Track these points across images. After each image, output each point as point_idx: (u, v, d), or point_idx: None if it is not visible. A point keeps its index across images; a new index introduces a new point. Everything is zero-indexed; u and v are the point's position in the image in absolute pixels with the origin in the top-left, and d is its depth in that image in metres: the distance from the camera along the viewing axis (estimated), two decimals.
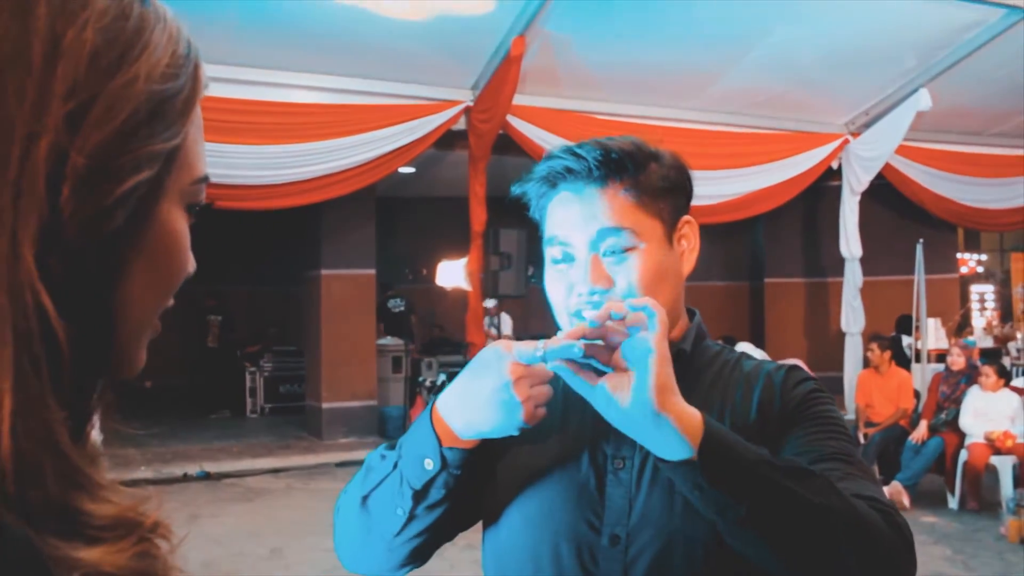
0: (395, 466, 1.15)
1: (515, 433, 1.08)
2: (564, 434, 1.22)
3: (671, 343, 1.15)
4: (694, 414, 1.00)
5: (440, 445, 1.10)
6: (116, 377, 0.58)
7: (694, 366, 1.26)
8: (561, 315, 1.22)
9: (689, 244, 1.27)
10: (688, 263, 1.27)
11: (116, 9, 0.53)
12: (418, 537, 1.17)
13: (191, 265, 0.62)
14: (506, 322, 10.38)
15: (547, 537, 1.17)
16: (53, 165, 0.49)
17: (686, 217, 1.27)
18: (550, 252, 1.24)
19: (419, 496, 1.13)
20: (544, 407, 1.08)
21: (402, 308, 12.10)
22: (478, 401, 1.07)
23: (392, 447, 1.19)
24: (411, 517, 1.14)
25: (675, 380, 1.01)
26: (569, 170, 1.21)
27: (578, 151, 1.21)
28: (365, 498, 1.18)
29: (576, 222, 1.20)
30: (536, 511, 1.19)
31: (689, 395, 1.04)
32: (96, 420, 0.57)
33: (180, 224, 0.59)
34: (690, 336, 1.28)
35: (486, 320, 10.15)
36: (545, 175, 1.24)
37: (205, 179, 0.61)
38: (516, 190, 1.32)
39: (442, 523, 1.16)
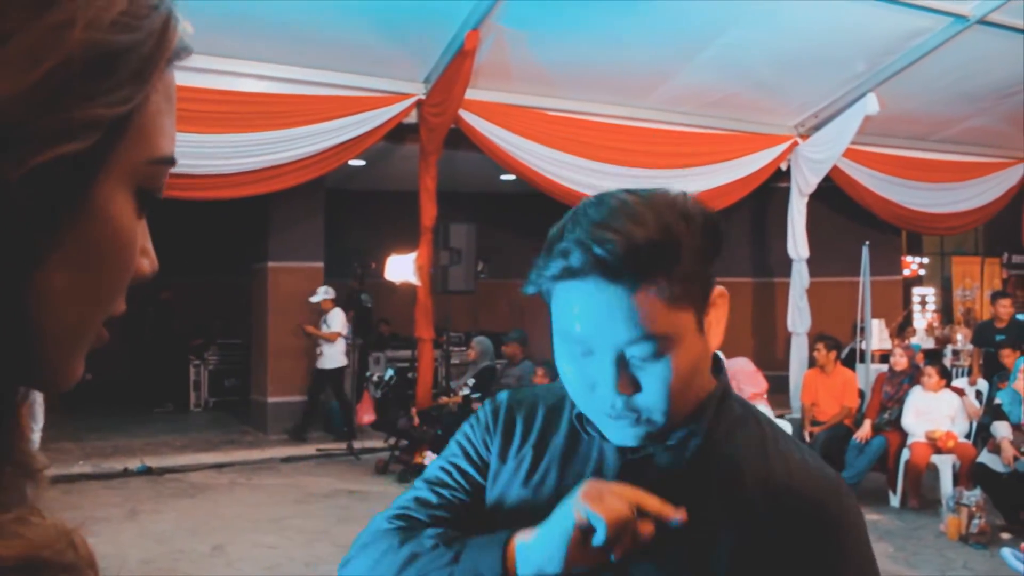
0: (449, 563, 1.08)
1: (567, 526, 1.01)
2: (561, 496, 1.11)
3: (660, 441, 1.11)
4: None
5: (504, 573, 1.04)
6: (45, 390, 0.48)
7: (699, 469, 1.11)
8: (577, 401, 1.11)
9: (718, 316, 1.11)
10: (717, 337, 1.11)
11: None
12: None
13: (146, 266, 0.51)
14: (337, 319, 10.00)
15: None
16: None
17: (719, 290, 1.10)
18: (567, 341, 1.08)
19: None
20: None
21: (370, 305, 12.03)
22: (547, 523, 1.03)
23: (442, 536, 1.12)
24: None
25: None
26: (594, 263, 1.02)
27: (597, 252, 1.01)
28: None
29: (600, 323, 1.03)
30: None
31: (686, 503, 1.01)
32: (22, 435, 0.47)
33: (125, 213, 0.47)
34: (694, 435, 1.12)
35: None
36: (565, 264, 1.03)
37: (168, 161, 0.50)
38: (530, 288, 1.10)
39: None
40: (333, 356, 10.05)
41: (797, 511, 1.06)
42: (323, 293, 9.96)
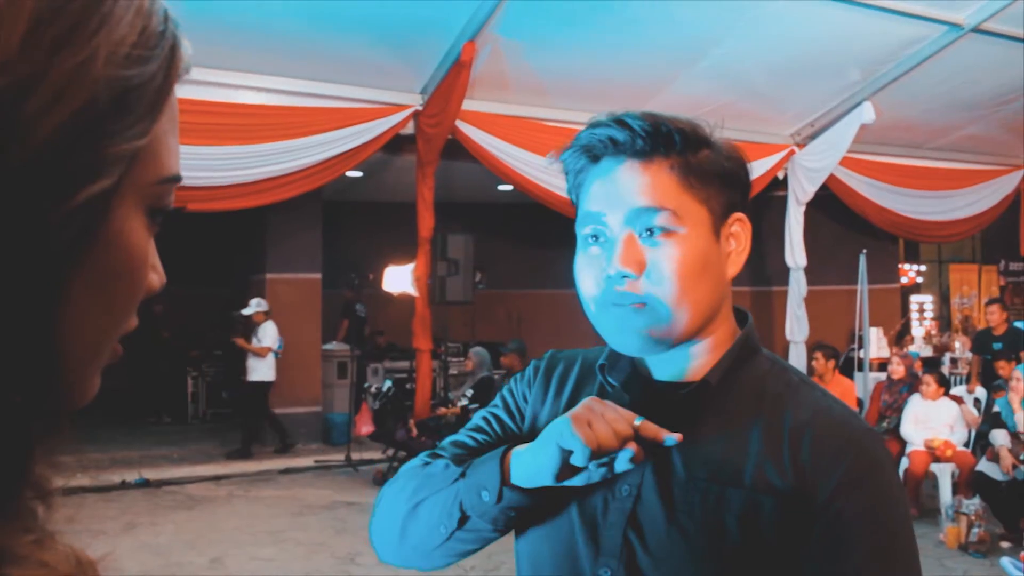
0: (454, 482, 1.12)
1: (554, 451, 1.02)
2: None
3: (707, 356, 1.13)
4: None
5: (502, 482, 1.07)
6: (63, 408, 0.48)
7: (722, 398, 1.10)
8: (589, 303, 1.11)
9: (739, 244, 1.15)
10: (734, 265, 1.14)
11: None
12: (453, 553, 1.17)
13: (155, 281, 0.52)
14: (269, 333, 9.76)
15: (555, 554, 1.14)
16: None
17: (739, 214, 1.16)
18: (583, 231, 1.11)
19: (464, 522, 1.11)
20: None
21: (364, 315, 12.03)
22: (540, 439, 1.05)
23: (459, 461, 1.16)
24: (450, 537, 1.13)
25: None
26: (613, 140, 1.08)
27: (625, 119, 1.07)
28: (418, 504, 1.15)
29: (612, 198, 1.07)
30: (549, 530, 1.15)
31: (709, 433, 1.02)
32: (40, 457, 0.47)
33: (138, 234, 0.48)
34: (724, 362, 1.11)
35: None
36: (585, 143, 1.10)
37: (175, 179, 0.51)
38: (553, 160, 1.16)
39: (479, 544, 1.15)
40: (261, 370, 9.81)
41: (830, 445, 1.03)
42: (255, 306, 9.83)
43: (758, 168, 10.55)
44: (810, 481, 1.01)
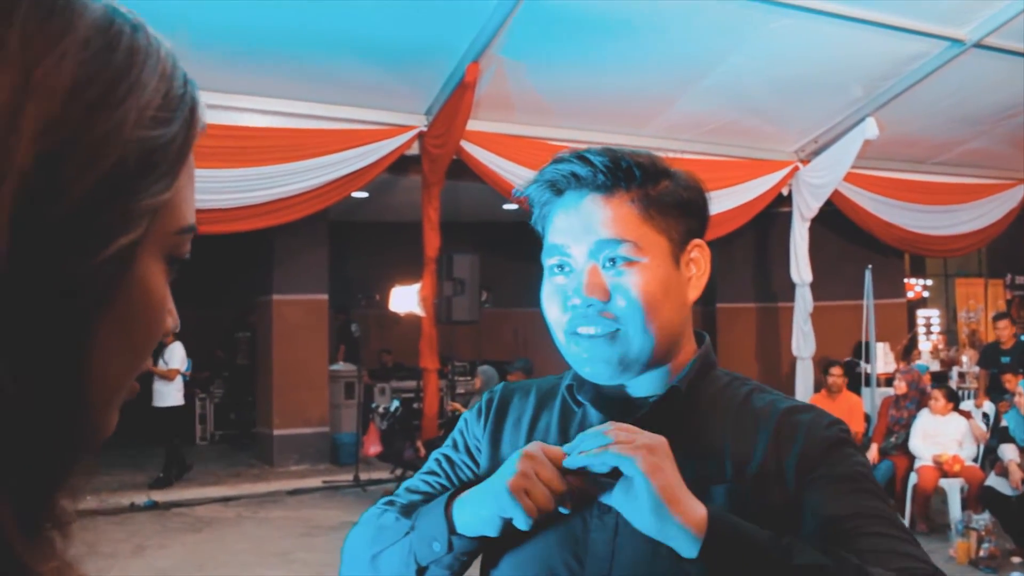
0: (406, 535, 1.15)
1: (495, 513, 1.06)
2: None
3: (671, 375, 1.16)
4: (699, 514, 0.98)
5: (449, 532, 1.10)
6: (87, 444, 0.51)
7: (692, 404, 1.16)
8: (557, 331, 1.16)
9: (698, 269, 1.19)
10: (695, 289, 1.19)
11: (101, 39, 0.46)
12: None
13: (169, 322, 0.55)
14: (176, 355, 9.35)
15: (532, 574, 1.15)
16: (22, 214, 0.42)
17: (697, 240, 1.20)
18: (548, 261, 1.17)
19: (422, 572, 1.14)
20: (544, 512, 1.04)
21: (360, 334, 12.03)
22: (480, 494, 1.08)
23: (406, 511, 1.19)
24: None
25: (676, 481, 0.99)
26: (575, 176, 1.13)
27: (587, 155, 1.13)
28: (375, 556, 1.18)
29: (576, 230, 1.13)
30: (525, 552, 1.16)
31: (684, 438, 1.03)
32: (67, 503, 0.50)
33: (158, 280, 0.52)
34: (691, 370, 1.18)
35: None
36: (549, 178, 1.16)
37: (191, 229, 0.54)
38: (519, 192, 1.22)
39: None
40: (168, 394, 9.38)
41: (795, 433, 1.12)
42: None
43: (762, 185, 10.60)
44: (782, 465, 1.09)
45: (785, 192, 10.84)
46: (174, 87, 0.51)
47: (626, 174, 1.13)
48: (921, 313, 16.06)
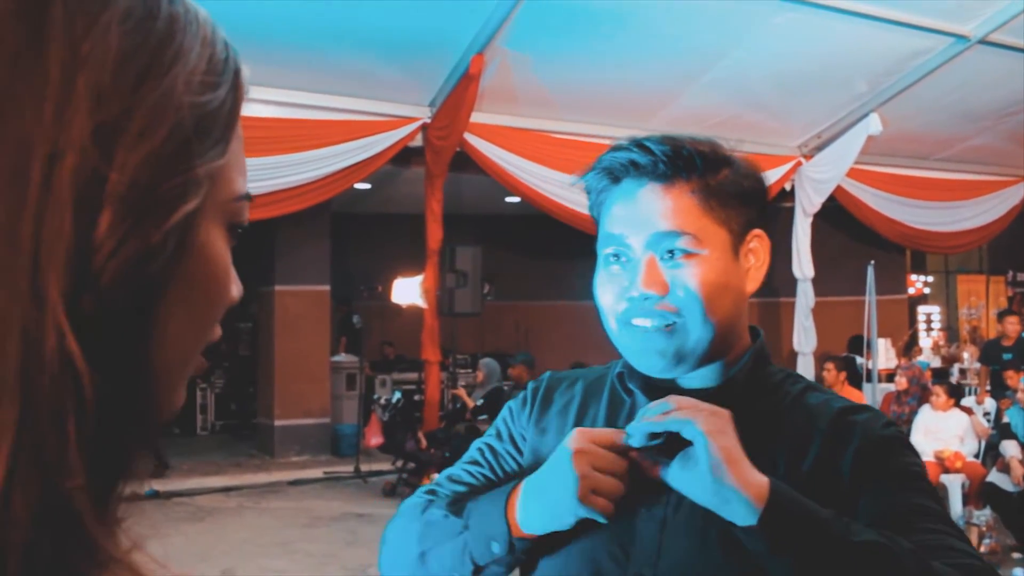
0: (459, 534, 1.12)
1: (571, 520, 1.04)
2: None
3: (726, 370, 1.14)
4: (760, 482, 0.97)
5: (510, 534, 1.08)
6: (155, 421, 0.50)
7: (747, 398, 1.13)
8: (610, 319, 1.14)
9: (757, 260, 1.17)
10: (754, 280, 1.16)
11: (142, 9, 0.46)
12: None
13: (236, 291, 0.55)
14: None
15: (576, 568, 1.13)
16: (85, 189, 0.42)
17: (757, 230, 1.17)
18: (604, 251, 1.14)
19: (478, 571, 1.11)
20: (611, 501, 1.03)
21: (361, 326, 12.03)
22: (544, 501, 1.06)
23: (454, 506, 1.16)
24: None
25: (737, 446, 0.98)
26: (634, 164, 1.11)
27: (646, 143, 1.11)
28: (424, 554, 1.16)
29: (634, 221, 1.10)
30: (570, 546, 1.13)
31: (737, 433, 1.02)
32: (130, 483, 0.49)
33: (221, 247, 0.52)
34: (747, 365, 1.16)
35: None
36: (607, 167, 1.14)
37: (247, 197, 0.54)
38: (577, 179, 1.19)
39: None
40: None
41: (850, 432, 1.10)
42: None
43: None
44: (837, 465, 1.07)
45: (788, 187, 10.83)
46: (217, 51, 0.51)
47: (686, 163, 1.10)
48: (922, 309, 16.06)
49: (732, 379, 1.14)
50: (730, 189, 1.13)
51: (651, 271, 1.09)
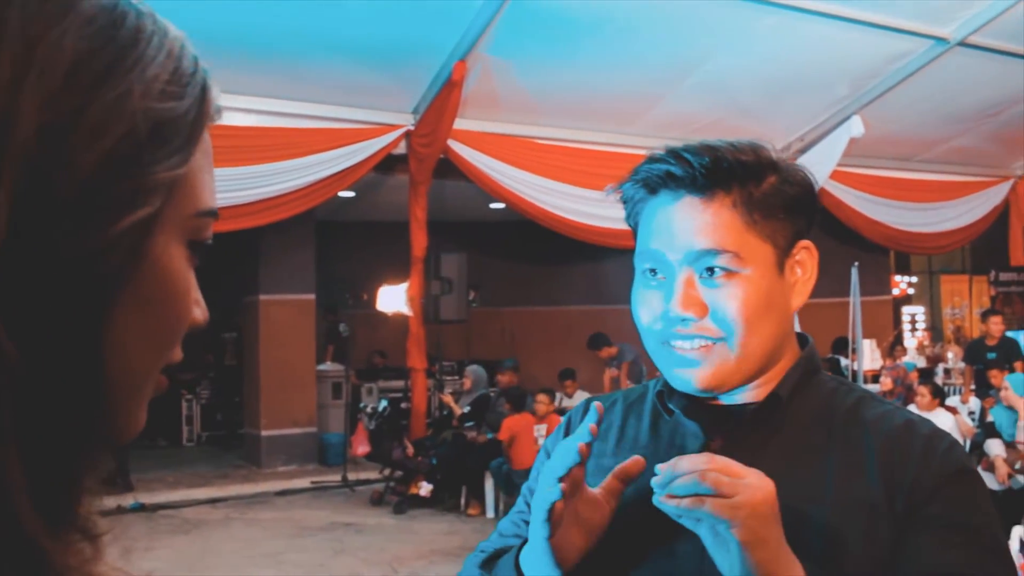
0: None
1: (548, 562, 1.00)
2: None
3: (770, 384, 1.07)
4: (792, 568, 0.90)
5: None
6: (112, 441, 0.50)
7: (794, 413, 1.06)
8: (648, 338, 1.08)
9: (804, 272, 1.08)
10: (800, 295, 1.08)
11: (105, 17, 0.46)
12: None
13: (197, 313, 0.54)
14: None
15: None
16: (28, 188, 0.42)
17: (804, 242, 1.08)
18: (641, 266, 1.07)
19: None
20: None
21: (348, 334, 11.99)
22: (532, 552, 1.02)
23: (489, 564, 1.13)
24: None
25: (778, 554, 0.89)
26: (671, 175, 1.03)
27: (683, 154, 1.03)
28: None
29: (671, 236, 1.03)
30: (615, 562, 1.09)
31: (782, 451, 0.97)
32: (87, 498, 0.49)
33: (180, 264, 0.51)
34: (791, 377, 1.07)
35: None
36: (644, 178, 1.06)
37: (211, 213, 0.53)
38: (612, 190, 1.11)
39: None
40: None
41: (913, 455, 1.00)
42: None
43: None
44: (892, 492, 0.99)
45: None
46: (183, 65, 0.51)
47: (727, 174, 1.02)
48: (906, 310, 16.15)
49: (776, 394, 1.06)
50: (775, 200, 1.04)
51: (689, 291, 1.02)
